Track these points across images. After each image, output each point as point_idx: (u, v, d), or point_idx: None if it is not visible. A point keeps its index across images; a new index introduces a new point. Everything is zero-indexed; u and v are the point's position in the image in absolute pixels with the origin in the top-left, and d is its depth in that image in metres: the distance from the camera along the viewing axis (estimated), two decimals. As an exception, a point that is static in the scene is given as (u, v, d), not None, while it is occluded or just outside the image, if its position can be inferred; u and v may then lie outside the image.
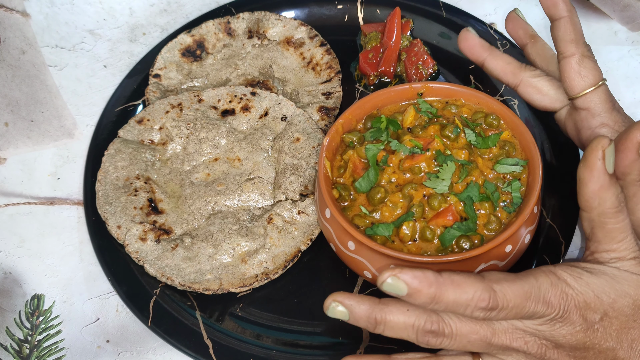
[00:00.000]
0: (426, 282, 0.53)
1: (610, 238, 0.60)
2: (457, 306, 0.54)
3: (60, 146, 0.89)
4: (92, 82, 0.94)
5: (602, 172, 0.57)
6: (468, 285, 0.54)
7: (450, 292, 0.53)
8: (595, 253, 0.61)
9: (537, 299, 0.55)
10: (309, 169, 0.80)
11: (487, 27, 0.92)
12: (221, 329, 0.72)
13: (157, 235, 0.76)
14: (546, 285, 0.56)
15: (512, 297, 0.54)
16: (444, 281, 0.53)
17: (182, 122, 0.84)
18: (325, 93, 0.88)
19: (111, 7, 1.01)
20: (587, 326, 0.57)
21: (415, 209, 0.66)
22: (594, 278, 0.58)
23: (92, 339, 0.74)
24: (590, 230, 0.61)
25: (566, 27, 0.68)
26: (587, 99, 0.68)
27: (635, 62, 0.93)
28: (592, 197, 0.59)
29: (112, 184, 0.80)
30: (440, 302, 0.53)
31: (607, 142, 0.57)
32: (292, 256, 0.75)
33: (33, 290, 0.78)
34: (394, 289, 0.53)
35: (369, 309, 0.56)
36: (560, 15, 0.69)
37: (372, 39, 0.91)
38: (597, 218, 0.59)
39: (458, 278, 0.54)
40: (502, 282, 0.55)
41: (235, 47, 0.93)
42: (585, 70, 0.68)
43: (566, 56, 0.68)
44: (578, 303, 0.56)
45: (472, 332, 0.56)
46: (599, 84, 0.68)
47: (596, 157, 0.57)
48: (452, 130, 0.70)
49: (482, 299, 0.53)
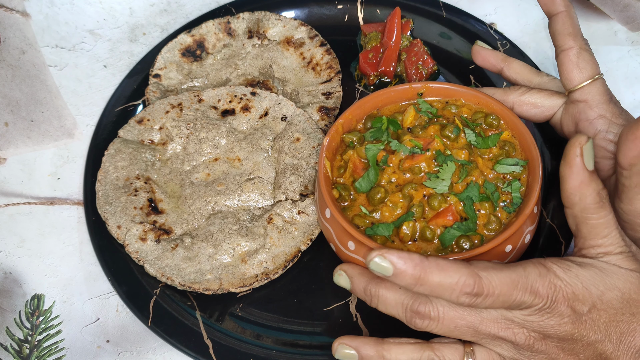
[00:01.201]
0: (411, 264, 0.54)
1: (594, 234, 0.60)
2: (441, 289, 0.54)
3: (60, 146, 0.89)
4: (92, 82, 0.94)
5: (581, 169, 0.58)
6: (453, 270, 0.54)
7: (435, 275, 0.54)
8: (583, 249, 0.61)
9: (525, 288, 0.55)
10: (309, 169, 0.80)
11: (487, 27, 0.92)
12: (221, 329, 0.72)
13: (157, 235, 0.76)
14: (534, 275, 0.56)
15: (498, 285, 0.55)
16: (429, 264, 0.54)
17: (182, 122, 0.84)
18: (325, 93, 0.88)
19: (111, 7, 1.01)
20: (575, 318, 0.57)
21: (415, 209, 0.66)
22: (583, 270, 0.58)
23: (92, 339, 0.74)
24: (575, 227, 0.62)
25: (564, 21, 0.69)
26: (585, 91, 0.69)
27: (635, 62, 0.93)
28: (572, 193, 0.60)
29: (112, 184, 0.80)
30: (425, 284, 0.54)
31: (584, 139, 0.58)
32: (292, 256, 0.75)
33: (33, 290, 0.78)
34: (380, 269, 0.54)
35: (367, 281, 0.61)
36: (557, 11, 0.70)
37: (372, 39, 0.91)
38: (579, 214, 0.60)
39: (444, 262, 0.54)
40: (489, 269, 0.56)
41: (235, 47, 0.93)
42: (584, 63, 0.69)
43: (564, 49, 0.69)
44: (566, 294, 0.57)
45: (459, 318, 0.57)
46: (596, 77, 0.69)
47: (574, 153, 0.58)
48: (452, 130, 0.70)
49: (467, 284, 0.54)
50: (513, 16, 0.97)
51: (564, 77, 0.70)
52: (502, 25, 0.95)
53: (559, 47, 0.70)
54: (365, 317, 0.72)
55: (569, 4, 0.70)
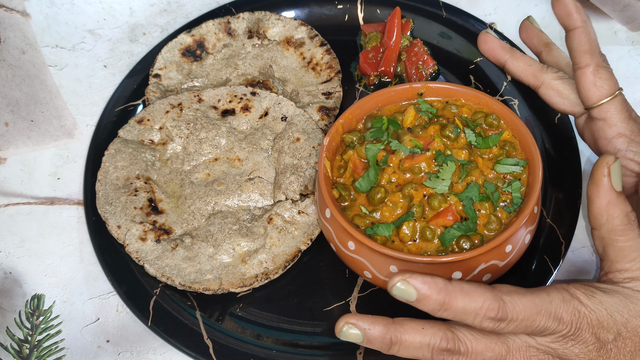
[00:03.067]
0: (435, 288, 0.53)
1: (622, 257, 0.59)
2: (465, 314, 0.53)
3: (60, 146, 0.89)
4: (92, 82, 0.94)
5: (609, 189, 0.58)
6: (477, 294, 0.53)
7: (460, 300, 0.53)
8: (609, 273, 0.61)
9: (548, 314, 0.55)
10: (309, 169, 0.80)
11: (487, 27, 0.92)
12: (221, 329, 0.72)
13: (157, 235, 0.76)
14: (558, 301, 0.56)
15: (522, 310, 0.54)
16: (454, 289, 0.53)
17: (182, 122, 0.84)
18: (325, 93, 0.88)
19: (111, 7, 1.01)
20: (600, 345, 0.56)
21: (415, 209, 0.66)
22: (607, 297, 0.58)
23: (92, 339, 0.74)
24: (602, 250, 0.61)
25: (580, 38, 0.68)
26: (604, 109, 0.68)
27: (635, 62, 0.93)
28: (599, 214, 0.59)
29: (112, 184, 0.80)
30: (449, 309, 0.53)
31: (612, 159, 0.57)
32: (292, 256, 0.75)
33: (33, 290, 0.78)
34: (404, 294, 0.53)
35: (384, 330, 0.56)
36: (574, 26, 0.68)
37: (372, 39, 0.91)
38: (607, 235, 0.60)
39: (468, 287, 0.54)
40: (512, 294, 0.55)
41: (235, 47, 0.93)
42: (601, 81, 0.68)
43: (581, 67, 0.68)
44: (591, 321, 0.56)
45: (488, 350, 0.56)
46: (615, 94, 0.68)
47: (602, 173, 0.58)
48: (452, 130, 0.70)
49: (491, 309, 0.53)
50: (513, 16, 0.97)
51: (582, 95, 0.69)
52: (502, 25, 0.95)
53: (576, 64, 0.69)
54: (365, 317, 0.72)
55: (585, 19, 0.68)
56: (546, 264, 0.72)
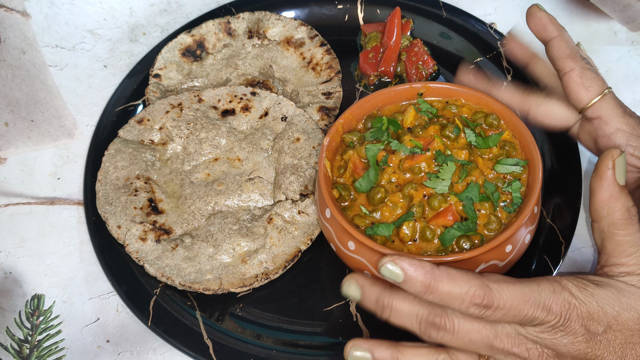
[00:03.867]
0: (422, 271, 0.54)
1: (619, 251, 0.60)
2: (451, 299, 0.54)
3: (60, 146, 0.89)
4: (92, 82, 0.94)
5: (612, 182, 0.58)
6: (464, 280, 0.54)
7: (445, 284, 0.54)
8: (605, 267, 0.61)
9: (537, 304, 0.55)
10: (309, 169, 0.80)
11: (487, 27, 0.92)
12: (221, 329, 0.72)
13: (157, 235, 0.76)
14: (547, 292, 0.56)
15: (508, 298, 0.55)
16: (440, 273, 0.54)
17: (182, 122, 0.84)
18: (325, 93, 0.88)
19: (111, 7, 1.01)
20: (589, 337, 0.57)
21: (415, 209, 0.66)
22: (599, 289, 0.58)
23: (92, 339, 0.74)
24: (600, 242, 0.61)
25: (560, 45, 0.69)
26: (597, 108, 0.68)
27: (635, 62, 0.93)
28: (601, 206, 0.59)
29: (112, 184, 0.80)
30: (435, 292, 0.54)
31: (617, 152, 0.58)
32: (292, 256, 0.75)
33: (33, 290, 0.78)
34: (391, 274, 0.54)
35: (379, 291, 0.58)
36: (551, 36, 0.69)
37: (372, 39, 0.91)
38: (606, 228, 0.60)
39: (455, 272, 0.55)
40: (500, 282, 0.55)
41: (235, 47, 0.93)
42: (589, 81, 0.68)
43: (566, 72, 0.68)
44: (581, 313, 0.56)
45: (475, 331, 0.57)
46: (605, 92, 0.68)
47: (606, 166, 0.58)
48: (452, 130, 0.70)
49: (477, 295, 0.54)
50: (513, 16, 0.97)
51: (572, 99, 0.69)
52: (502, 25, 0.95)
53: (561, 70, 0.69)
54: (366, 318, 0.72)
55: (561, 28, 0.69)
56: (546, 264, 0.72)
